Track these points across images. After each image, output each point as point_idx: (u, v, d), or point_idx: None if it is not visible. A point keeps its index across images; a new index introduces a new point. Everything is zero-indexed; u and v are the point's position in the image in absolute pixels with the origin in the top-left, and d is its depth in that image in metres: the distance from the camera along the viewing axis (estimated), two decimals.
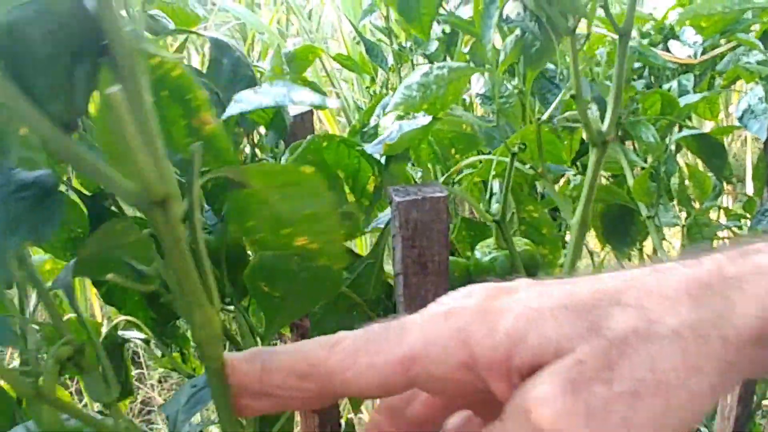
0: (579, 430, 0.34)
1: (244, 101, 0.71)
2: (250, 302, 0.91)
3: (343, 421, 1.29)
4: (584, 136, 1.05)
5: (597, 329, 0.36)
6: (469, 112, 1.55)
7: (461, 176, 1.14)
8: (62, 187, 1.13)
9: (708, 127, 2.08)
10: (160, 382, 2.42)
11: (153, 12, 0.99)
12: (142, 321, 1.13)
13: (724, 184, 1.33)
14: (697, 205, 1.35)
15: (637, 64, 1.31)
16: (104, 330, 1.20)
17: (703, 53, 1.37)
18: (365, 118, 1.39)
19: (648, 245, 1.49)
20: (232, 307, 0.93)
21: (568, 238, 1.07)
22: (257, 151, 0.96)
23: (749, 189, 2.32)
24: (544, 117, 1.12)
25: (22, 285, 0.87)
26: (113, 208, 1.07)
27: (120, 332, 1.21)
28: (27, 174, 0.54)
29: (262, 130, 1.02)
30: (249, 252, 0.86)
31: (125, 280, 0.69)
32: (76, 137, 0.46)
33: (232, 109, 0.71)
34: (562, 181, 1.38)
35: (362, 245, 1.85)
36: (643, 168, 1.22)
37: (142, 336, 1.19)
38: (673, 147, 1.26)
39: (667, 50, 1.48)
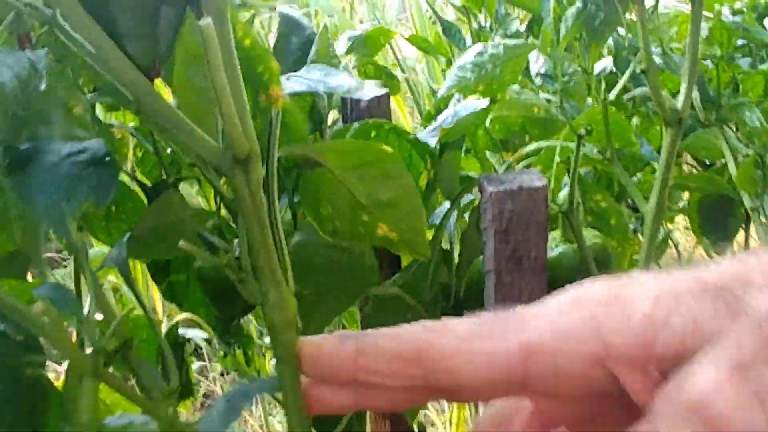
0: (756, 416, 0.31)
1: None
2: None
3: (415, 427, 1.22)
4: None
5: (738, 310, 0.34)
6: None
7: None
8: (125, 177, 1.08)
9: None
10: (222, 375, 2.38)
11: None
12: (204, 319, 1.07)
13: None
14: None
15: (740, 41, 1.20)
16: (164, 328, 1.16)
17: None
18: (442, 103, 1.31)
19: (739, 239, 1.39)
20: None
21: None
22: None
23: None
24: (612, 95, 1.04)
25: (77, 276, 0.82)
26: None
27: (181, 330, 1.15)
28: (75, 144, 0.49)
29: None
30: None
31: (197, 250, 0.63)
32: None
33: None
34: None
35: None
36: (746, 155, 1.12)
37: (204, 335, 1.13)
38: None
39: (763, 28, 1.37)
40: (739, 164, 1.11)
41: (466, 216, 0.92)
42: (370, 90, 1.05)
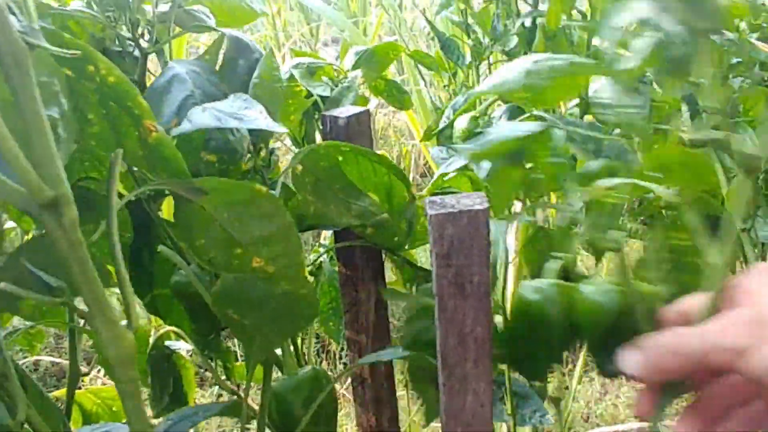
0: None
1: (191, 121, 0.65)
2: None
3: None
4: None
5: None
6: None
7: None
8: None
9: None
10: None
11: (194, 8, 0.93)
12: (187, 332, 1.08)
13: None
14: None
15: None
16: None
17: None
18: (450, 125, 1.31)
19: None
20: None
21: None
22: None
23: None
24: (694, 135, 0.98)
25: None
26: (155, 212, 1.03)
27: (168, 343, 1.17)
28: None
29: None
30: None
31: (33, 294, 0.64)
32: None
33: (183, 127, 0.65)
34: None
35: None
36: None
37: (189, 347, 1.14)
38: None
39: None
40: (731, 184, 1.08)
41: None
42: (349, 108, 1.05)
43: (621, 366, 0.67)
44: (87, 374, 1.38)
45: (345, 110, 1.04)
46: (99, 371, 1.96)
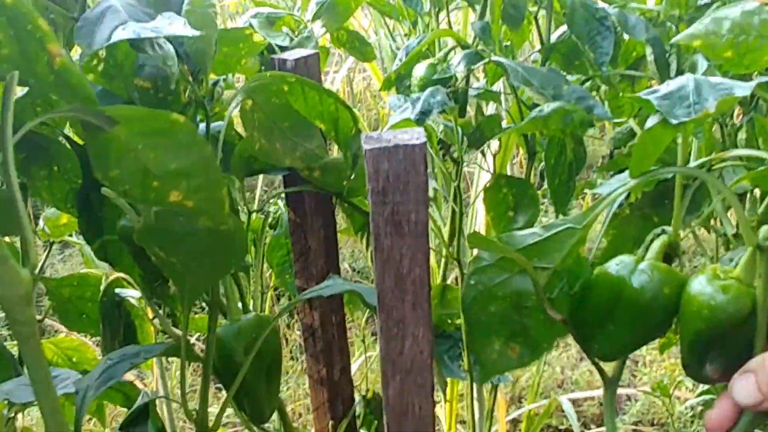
0: None
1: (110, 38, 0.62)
2: None
3: (357, 396, 1.20)
4: None
5: None
6: None
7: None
8: (59, 138, 1.07)
9: None
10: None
11: None
12: (135, 280, 1.06)
13: None
14: None
15: None
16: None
17: None
18: (403, 68, 1.28)
19: None
20: None
21: None
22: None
23: None
24: None
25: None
26: None
27: (120, 291, 1.15)
28: None
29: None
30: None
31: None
32: None
33: (96, 42, 0.62)
34: None
35: None
36: None
37: (138, 294, 1.12)
38: None
39: None
40: None
41: None
42: (298, 51, 1.02)
43: (734, 394, 0.62)
44: (40, 321, 1.36)
45: (294, 53, 1.02)
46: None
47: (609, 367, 0.78)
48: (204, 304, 1.01)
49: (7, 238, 0.74)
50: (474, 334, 0.75)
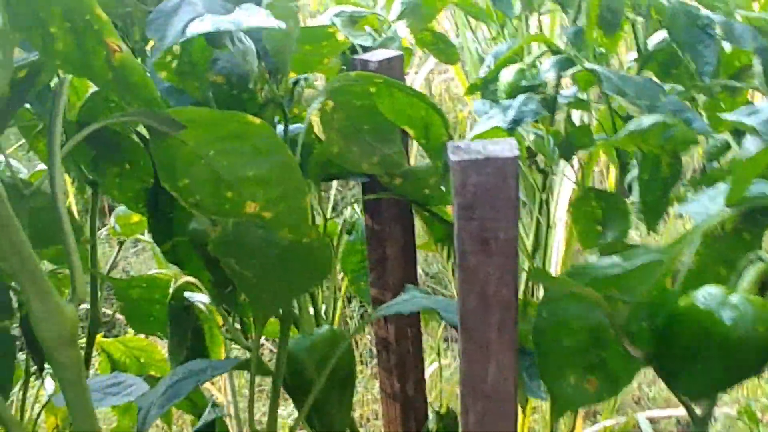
0: None
1: (184, 32, 0.57)
2: None
3: (430, 412, 1.15)
4: None
5: None
6: None
7: None
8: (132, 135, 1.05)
9: None
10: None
11: None
12: (204, 284, 1.03)
13: None
14: None
15: None
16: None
17: None
18: (491, 74, 1.22)
19: None
20: None
21: None
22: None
23: None
24: None
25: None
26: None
27: (189, 295, 1.12)
28: None
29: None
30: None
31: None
32: None
33: (169, 38, 0.57)
34: None
35: None
36: None
37: (207, 299, 1.09)
38: None
39: None
40: None
41: None
42: (382, 51, 0.98)
43: None
44: (107, 321, 1.35)
45: (377, 53, 0.97)
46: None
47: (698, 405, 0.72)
48: None
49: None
50: (547, 366, 0.70)
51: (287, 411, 2.11)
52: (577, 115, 1.62)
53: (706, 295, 0.66)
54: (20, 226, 0.39)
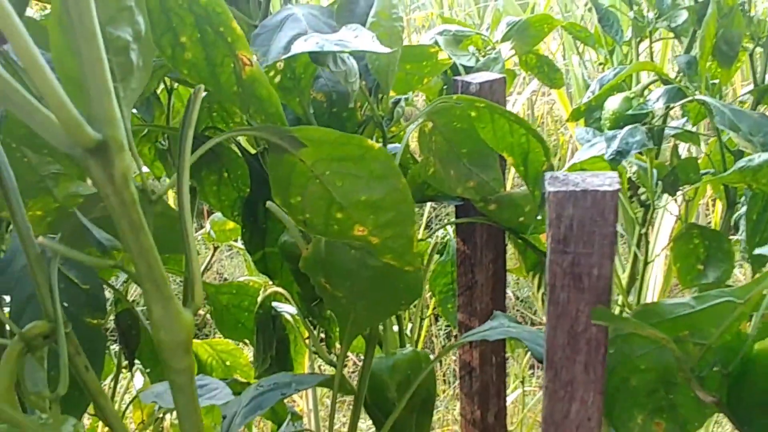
0: None
1: (290, 49, 0.57)
2: None
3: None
4: None
5: None
6: None
7: None
8: (232, 145, 1.07)
9: None
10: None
11: None
12: (293, 295, 1.03)
13: None
14: None
15: None
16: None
17: None
18: (594, 100, 1.19)
19: None
20: None
21: None
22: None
23: None
24: None
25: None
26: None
27: (277, 305, 1.13)
28: None
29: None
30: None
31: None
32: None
33: (273, 53, 0.57)
34: None
35: None
36: None
37: (294, 311, 1.10)
38: None
39: None
40: None
41: None
42: (484, 74, 0.96)
43: None
44: (198, 323, 1.37)
45: (478, 75, 0.96)
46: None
47: None
48: None
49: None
50: (614, 405, 0.68)
51: (366, 425, 2.11)
52: (684, 148, 1.57)
53: None
54: (149, 231, 0.39)
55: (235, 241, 1.40)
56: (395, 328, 1.01)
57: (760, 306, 0.61)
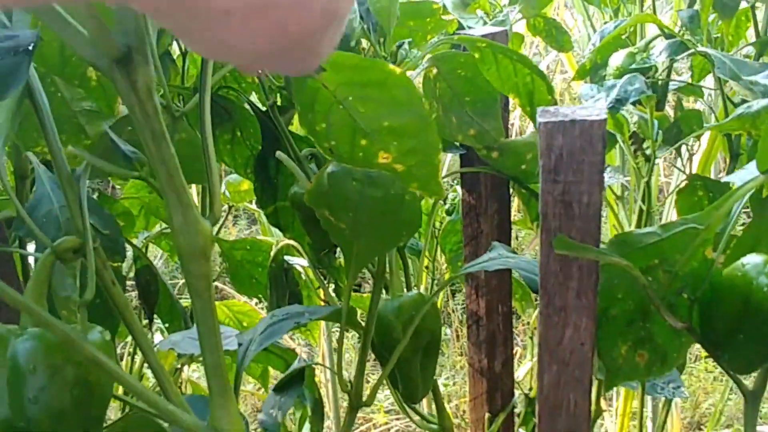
0: None
1: None
2: None
3: (517, 391, 1.15)
4: None
5: None
6: None
7: None
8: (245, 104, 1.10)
9: None
10: None
11: None
12: (304, 247, 1.07)
13: None
14: None
15: None
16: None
17: None
18: (598, 55, 1.21)
19: None
20: None
21: None
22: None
23: None
24: None
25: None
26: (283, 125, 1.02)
27: (289, 258, 1.16)
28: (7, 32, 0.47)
29: None
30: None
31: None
32: None
33: None
34: None
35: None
36: None
37: (305, 263, 1.13)
38: None
39: None
40: None
41: None
42: (485, 27, 0.99)
43: None
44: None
45: (480, 29, 0.99)
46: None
47: (750, 379, 0.70)
48: (366, 282, 1.00)
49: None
50: (599, 336, 0.70)
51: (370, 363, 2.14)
52: (689, 107, 1.58)
53: (746, 263, 0.64)
54: (170, 142, 0.42)
55: (250, 202, 1.43)
56: (402, 281, 1.04)
57: (724, 231, 0.64)
